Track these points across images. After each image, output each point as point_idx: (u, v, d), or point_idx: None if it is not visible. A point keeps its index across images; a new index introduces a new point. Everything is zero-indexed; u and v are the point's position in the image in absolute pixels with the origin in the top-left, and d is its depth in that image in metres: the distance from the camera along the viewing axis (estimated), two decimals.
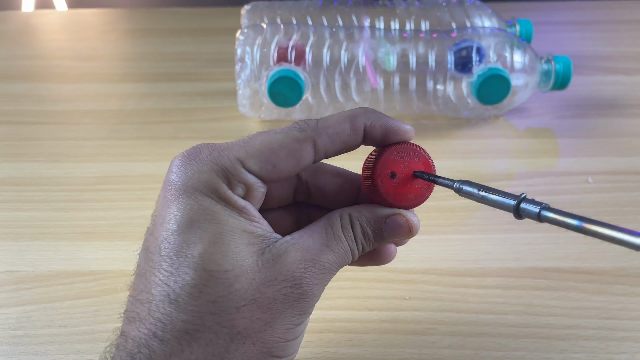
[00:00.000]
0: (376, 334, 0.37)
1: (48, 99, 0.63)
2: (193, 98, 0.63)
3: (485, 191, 0.24)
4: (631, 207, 0.46)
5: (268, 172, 0.26)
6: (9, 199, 0.49)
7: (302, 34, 0.55)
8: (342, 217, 0.27)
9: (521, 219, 0.23)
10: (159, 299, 0.24)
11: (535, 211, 0.22)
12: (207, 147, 0.26)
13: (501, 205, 0.24)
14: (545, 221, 0.22)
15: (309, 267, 0.25)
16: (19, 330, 0.38)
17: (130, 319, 0.25)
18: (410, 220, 0.27)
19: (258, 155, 0.25)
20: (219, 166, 0.25)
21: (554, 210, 0.21)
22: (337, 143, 0.26)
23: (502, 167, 0.52)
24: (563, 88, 0.56)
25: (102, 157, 0.54)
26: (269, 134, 0.26)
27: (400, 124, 0.27)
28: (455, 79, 0.54)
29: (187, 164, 0.25)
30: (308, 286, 0.25)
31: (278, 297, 0.24)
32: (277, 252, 0.25)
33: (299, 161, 0.26)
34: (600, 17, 0.77)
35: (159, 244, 0.25)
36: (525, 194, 0.23)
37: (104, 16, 0.84)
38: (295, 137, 0.26)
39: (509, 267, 0.41)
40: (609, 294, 0.39)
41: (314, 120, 0.26)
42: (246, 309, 0.24)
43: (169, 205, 0.25)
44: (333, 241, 0.26)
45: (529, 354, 0.35)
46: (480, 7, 0.60)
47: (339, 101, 0.56)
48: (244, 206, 0.25)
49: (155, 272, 0.24)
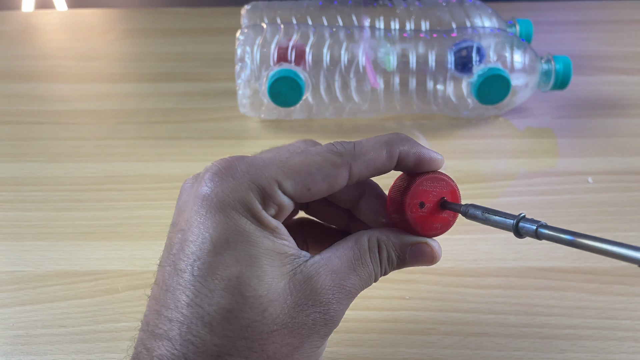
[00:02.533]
0: (376, 333, 0.37)
1: (48, 99, 0.64)
2: (193, 98, 0.63)
3: (487, 213, 0.26)
4: (631, 207, 0.46)
5: (302, 194, 0.26)
6: (9, 199, 0.49)
7: (302, 34, 0.55)
8: (370, 241, 0.27)
9: (521, 238, 0.25)
10: (191, 320, 0.23)
11: (533, 229, 0.24)
12: (243, 161, 0.25)
13: (502, 225, 0.26)
14: (543, 238, 0.24)
15: (336, 292, 0.25)
16: (19, 330, 0.38)
17: (155, 335, 0.24)
18: (434, 250, 0.28)
19: (295, 177, 0.25)
20: (256, 185, 0.25)
21: (550, 227, 0.24)
22: (371, 169, 0.26)
23: (502, 167, 0.52)
24: (563, 88, 0.56)
25: (102, 157, 0.54)
26: (307, 156, 0.26)
27: (433, 153, 0.28)
28: (455, 79, 0.54)
29: (222, 178, 0.25)
30: (335, 312, 0.26)
31: (307, 323, 0.25)
32: (307, 273, 0.25)
33: (333, 186, 0.26)
34: (600, 17, 0.77)
35: (192, 262, 0.24)
36: (524, 213, 0.25)
37: (104, 16, 0.84)
38: (333, 162, 0.26)
39: (509, 267, 0.41)
40: (609, 294, 0.39)
41: (351, 144, 0.26)
42: (277, 334, 0.24)
43: (204, 222, 0.24)
44: (360, 265, 0.26)
45: (529, 354, 0.35)
46: (480, 7, 0.60)
47: (339, 101, 0.56)
48: (276, 227, 0.25)
49: (187, 291, 0.24)
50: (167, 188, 0.49)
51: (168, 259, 0.25)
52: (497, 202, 0.48)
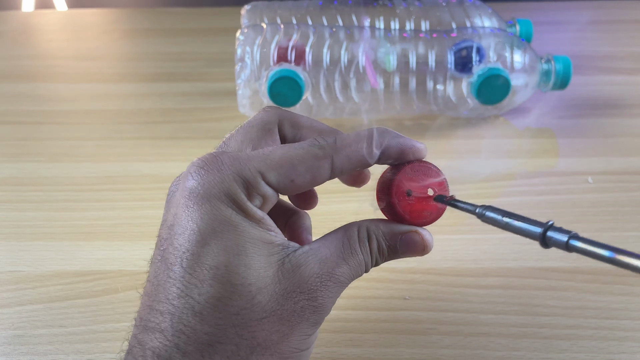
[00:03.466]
0: (376, 334, 0.37)
1: (48, 99, 0.63)
2: (193, 98, 0.63)
3: (509, 217, 0.23)
4: (631, 207, 0.46)
5: (285, 186, 0.26)
6: (9, 199, 0.49)
7: (302, 34, 0.55)
8: (360, 231, 0.27)
9: (547, 248, 0.22)
10: (181, 310, 0.24)
11: (564, 240, 0.20)
12: (227, 155, 0.26)
13: (526, 233, 0.22)
14: (574, 251, 0.20)
15: (325, 280, 0.26)
16: (19, 330, 0.38)
17: (147, 329, 0.24)
18: (425, 239, 0.28)
19: (278, 168, 0.26)
20: (240, 177, 0.25)
21: (584, 239, 0.20)
22: (353, 161, 0.27)
23: (502, 167, 0.52)
24: (563, 88, 0.56)
25: (102, 157, 0.54)
26: (290, 149, 0.26)
27: (415, 142, 0.28)
28: (455, 79, 0.54)
29: (208, 171, 0.26)
30: (323, 299, 0.26)
31: (296, 310, 0.25)
32: (296, 262, 0.26)
33: (316, 178, 0.26)
34: (600, 17, 0.77)
35: (181, 254, 0.24)
36: (552, 221, 0.21)
37: (104, 16, 0.84)
38: (315, 154, 0.26)
39: (509, 267, 0.41)
40: (609, 294, 0.39)
41: (332, 138, 0.27)
42: (266, 321, 0.24)
43: (191, 213, 0.25)
44: (349, 254, 0.27)
45: (529, 354, 0.35)
46: (480, 7, 0.60)
47: (339, 101, 0.56)
48: (262, 217, 0.26)
49: (177, 283, 0.24)
50: (167, 188, 0.49)
51: (157, 254, 0.26)
52: (497, 202, 0.47)
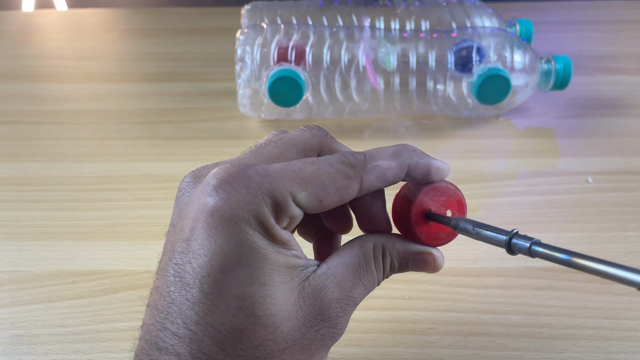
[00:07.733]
0: (376, 333, 0.37)
1: (48, 99, 0.63)
2: (193, 98, 0.63)
3: (479, 227, 0.25)
4: (631, 207, 0.46)
5: (314, 206, 0.25)
6: (9, 199, 0.49)
7: (302, 34, 0.55)
8: (375, 248, 0.27)
9: (514, 255, 0.24)
10: (201, 338, 0.23)
11: (526, 246, 0.23)
12: (255, 171, 0.24)
13: (494, 241, 0.25)
14: (537, 256, 0.23)
15: (344, 305, 0.26)
16: (20, 330, 0.38)
17: (161, 348, 0.23)
18: (437, 260, 0.28)
19: (308, 188, 0.24)
20: (270, 197, 0.24)
21: (544, 245, 0.22)
22: (381, 181, 0.26)
23: (502, 167, 0.52)
24: (563, 88, 0.56)
25: (102, 157, 0.54)
26: (320, 166, 0.25)
27: (440, 163, 0.27)
28: (456, 79, 0.54)
29: (236, 189, 0.24)
30: (342, 325, 0.26)
31: (317, 338, 0.25)
32: (316, 286, 0.25)
33: (344, 198, 0.26)
34: (600, 17, 0.77)
35: (201, 278, 0.23)
36: (517, 229, 0.24)
37: (104, 16, 0.84)
38: (346, 174, 0.25)
39: (509, 267, 0.41)
40: (609, 294, 0.39)
41: (362, 155, 0.26)
42: (288, 352, 0.24)
43: (214, 235, 0.23)
44: (364, 273, 0.27)
45: (529, 354, 0.35)
46: (480, 7, 0.60)
47: (339, 101, 0.56)
48: (288, 240, 0.25)
49: (196, 308, 0.23)
50: (167, 188, 0.49)
51: (170, 267, 0.24)
52: (497, 202, 0.48)
